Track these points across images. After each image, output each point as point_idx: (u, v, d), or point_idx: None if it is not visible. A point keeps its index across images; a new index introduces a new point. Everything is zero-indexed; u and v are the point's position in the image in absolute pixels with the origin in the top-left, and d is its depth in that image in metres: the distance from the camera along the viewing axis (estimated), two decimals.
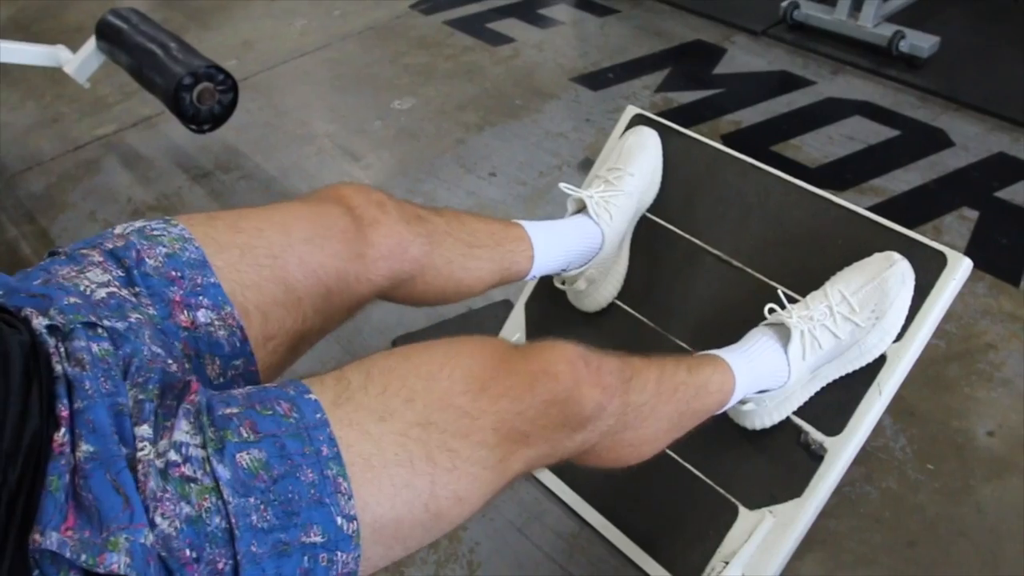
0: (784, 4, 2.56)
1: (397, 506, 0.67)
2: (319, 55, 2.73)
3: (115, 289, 0.76)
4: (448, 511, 0.71)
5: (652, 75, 2.46)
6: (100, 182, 2.20)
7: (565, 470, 1.30)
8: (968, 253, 1.06)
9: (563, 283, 1.31)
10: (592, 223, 1.21)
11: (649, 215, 1.32)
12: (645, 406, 0.88)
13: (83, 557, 0.55)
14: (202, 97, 1.81)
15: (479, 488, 0.72)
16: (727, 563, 1.10)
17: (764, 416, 1.11)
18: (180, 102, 1.80)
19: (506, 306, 1.65)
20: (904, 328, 1.06)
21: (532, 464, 0.77)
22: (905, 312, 1.06)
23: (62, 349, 0.65)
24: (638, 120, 1.37)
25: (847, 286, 1.07)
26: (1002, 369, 1.47)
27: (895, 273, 1.06)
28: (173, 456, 0.61)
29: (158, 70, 1.82)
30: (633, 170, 1.27)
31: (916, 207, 1.86)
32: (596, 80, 2.46)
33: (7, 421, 0.58)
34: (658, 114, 1.37)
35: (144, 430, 0.62)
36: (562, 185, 1.24)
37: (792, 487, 1.09)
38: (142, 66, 1.88)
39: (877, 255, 1.08)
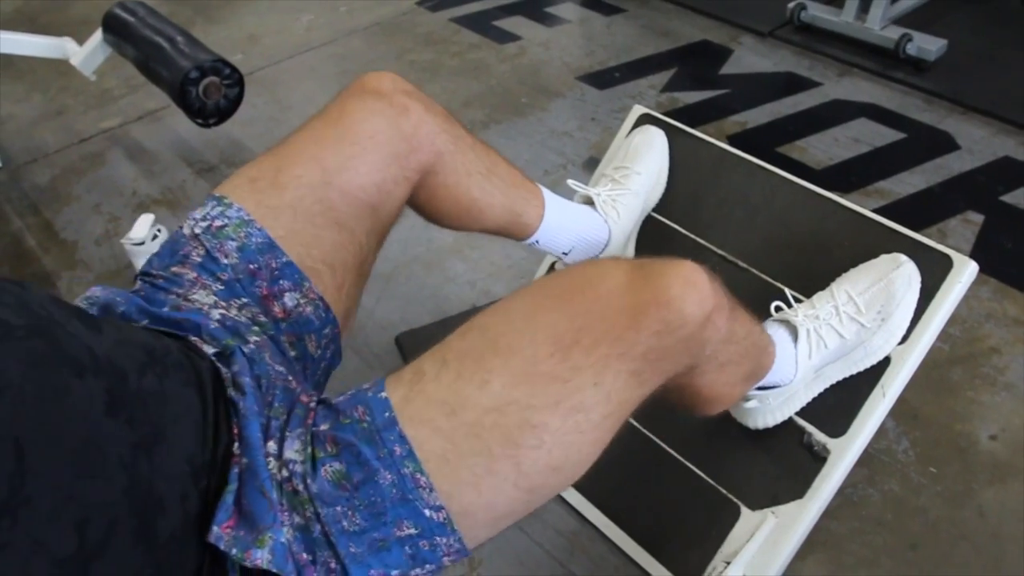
0: (791, 5, 2.55)
1: (483, 492, 0.68)
2: (325, 50, 2.73)
3: (223, 310, 0.84)
4: (543, 483, 0.71)
5: (658, 75, 2.46)
6: (105, 175, 2.20)
7: None
8: (972, 257, 1.05)
9: None
10: (600, 218, 1.21)
11: (655, 215, 1.32)
12: (745, 340, 0.87)
13: (234, 551, 0.64)
14: (208, 91, 1.81)
15: (577, 453, 0.70)
16: (728, 563, 1.09)
17: (767, 415, 1.11)
18: (186, 96, 1.80)
19: None
20: (909, 330, 1.06)
21: (645, 399, 0.74)
22: (911, 314, 1.06)
23: (227, 374, 0.74)
24: (645, 119, 1.37)
25: (854, 286, 1.06)
26: (1005, 373, 1.47)
27: (902, 275, 1.05)
28: (284, 472, 0.68)
29: (164, 63, 1.82)
30: (640, 169, 1.27)
31: (921, 210, 1.86)
32: (602, 79, 2.46)
33: (206, 437, 0.68)
34: (664, 114, 1.37)
35: (271, 446, 0.70)
36: (570, 182, 1.24)
37: (795, 488, 1.09)
38: (148, 59, 1.88)
39: (884, 256, 1.08)
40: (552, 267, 1.40)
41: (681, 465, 1.20)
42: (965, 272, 1.05)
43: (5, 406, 0.55)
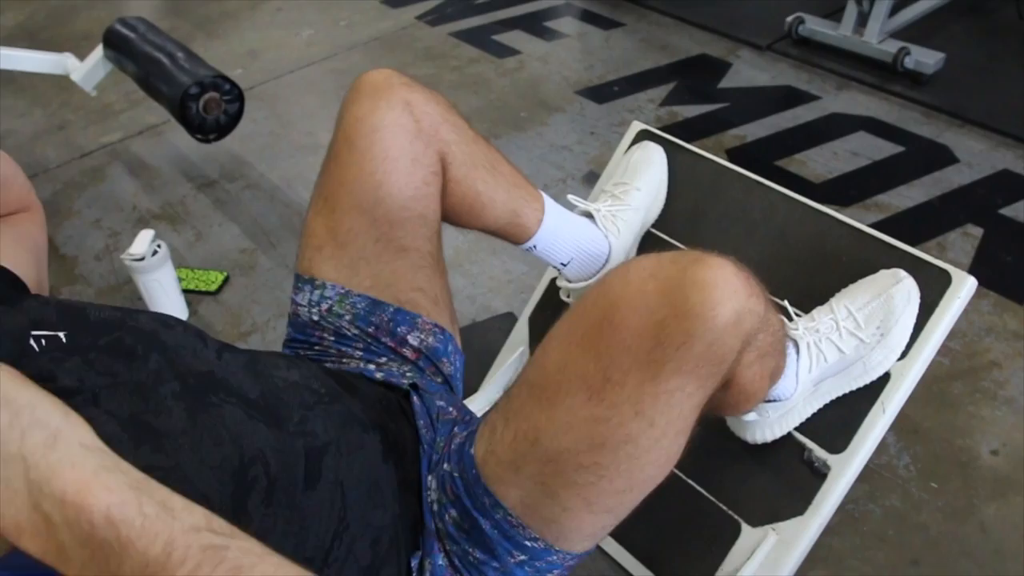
0: (789, 19, 2.56)
1: (565, 522, 0.75)
2: (325, 65, 2.74)
3: (375, 366, 0.94)
4: (619, 503, 0.75)
5: (657, 89, 2.47)
6: (105, 190, 2.20)
7: None
8: (972, 270, 1.05)
9: (568, 296, 1.31)
10: (600, 232, 1.21)
11: (654, 230, 1.32)
12: (779, 331, 0.86)
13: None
14: (208, 107, 1.82)
15: (640, 473, 0.72)
16: None
17: (765, 429, 1.11)
18: (186, 111, 1.80)
19: (510, 319, 1.65)
20: (908, 346, 1.06)
21: (704, 399, 0.71)
22: (910, 330, 1.05)
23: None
24: (644, 135, 1.37)
25: (853, 301, 1.06)
26: (1006, 387, 1.47)
27: (901, 290, 1.05)
28: (435, 507, 0.80)
29: (165, 79, 1.83)
30: (640, 184, 1.27)
31: (920, 224, 1.86)
32: (601, 93, 2.47)
33: (416, 469, 0.82)
34: (663, 128, 1.38)
35: (431, 480, 0.81)
36: (570, 197, 1.24)
37: (795, 504, 1.09)
38: (149, 75, 1.88)
39: (884, 272, 1.08)
40: (553, 282, 1.40)
41: (681, 481, 1.20)
42: (964, 288, 1.05)
43: (331, 458, 0.72)
